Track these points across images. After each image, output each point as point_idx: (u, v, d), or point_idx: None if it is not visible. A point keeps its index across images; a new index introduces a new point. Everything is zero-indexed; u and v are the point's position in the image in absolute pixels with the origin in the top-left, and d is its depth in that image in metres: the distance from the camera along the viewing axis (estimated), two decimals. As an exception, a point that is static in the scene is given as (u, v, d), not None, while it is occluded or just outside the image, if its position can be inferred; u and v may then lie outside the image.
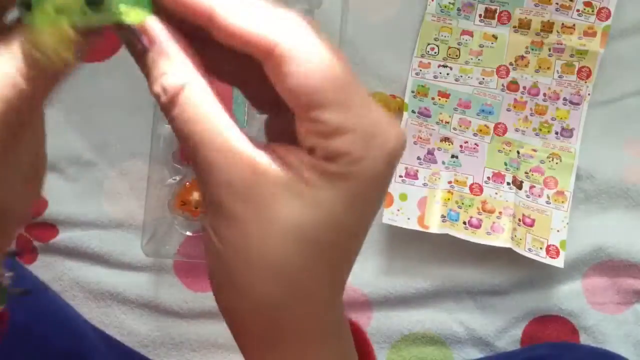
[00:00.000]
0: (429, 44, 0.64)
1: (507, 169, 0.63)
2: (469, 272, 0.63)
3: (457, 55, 0.63)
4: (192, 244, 0.61)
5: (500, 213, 0.62)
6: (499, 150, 0.64)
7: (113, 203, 0.63)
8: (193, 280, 0.63)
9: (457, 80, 0.64)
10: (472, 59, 0.64)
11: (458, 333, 0.64)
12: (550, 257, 0.61)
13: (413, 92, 0.64)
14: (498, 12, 0.63)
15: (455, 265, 0.63)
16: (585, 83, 0.63)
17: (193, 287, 0.63)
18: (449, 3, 0.63)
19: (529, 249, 0.61)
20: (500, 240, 0.61)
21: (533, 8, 0.63)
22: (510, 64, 0.64)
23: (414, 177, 0.63)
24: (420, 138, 0.63)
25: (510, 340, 0.64)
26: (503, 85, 0.64)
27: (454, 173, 0.63)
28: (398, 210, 0.62)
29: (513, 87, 0.64)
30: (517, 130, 0.64)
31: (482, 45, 0.63)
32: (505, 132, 0.64)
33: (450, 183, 0.63)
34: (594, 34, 0.62)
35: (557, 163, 0.63)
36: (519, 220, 0.62)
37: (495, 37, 0.63)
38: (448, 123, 0.64)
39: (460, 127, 0.64)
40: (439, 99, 0.64)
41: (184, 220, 0.60)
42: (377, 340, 0.64)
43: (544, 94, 0.63)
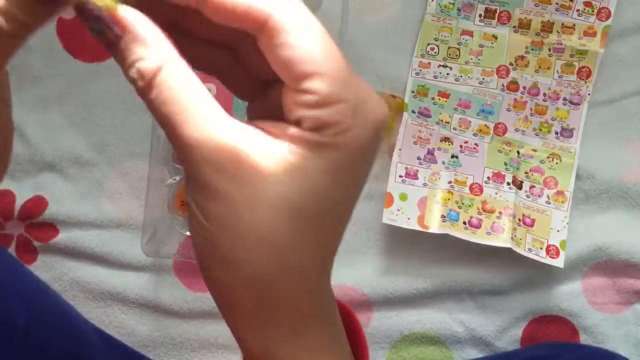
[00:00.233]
0: (429, 44, 0.64)
1: (507, 169, 0.63)
2: (469, 272, 0.63)
3: (457, 55, 0.63)
4: (192, 244, 0.61)
5: (500, 213, 0.62)
6: (499, 150, 0.64)
7: (113, 203, 0.63)
8: (193, 280, 0.63)
9: (457, 80, 0.64)
10: (472, 59, 0.64)
11: (458, 333, 0.64)
12: (550, 257, 0.61)
13: (413, 92, 0.64)
14: (498, 12, 0.63)
15: (455, 265, 0.63)
16: (585, 83, 0.63)
17: (193, 287, 0.63)
18: (449, 3, 0.63)
19: (529, 249, 0.61)
20: (500, 240, 0.61)
21: (533, 8, 0.63)
22: (510, 64, 0.63)
23: (414, 177, 0.63)
24: (420, 138, 0.63)
25: (510, 340, 0.64)
26: (503, 85, 0.64)
27: (454, 173, 0.63)
28: (398, 210, 0.62)
29: (513, 87, 0.64)
30: (517, 130, 0.64)
31: (482, 45, 0.63)
32: (505, 132, 0.64)
33: (450, 183, 0.63)
34: (594, 34, 0.62)
35: (557, 163, 0.63)
36: (519, 220, 0.62)
37: (495, 37, 0.63)
38: (448, 123, 0.64)
39: (460, 127, 0.64)
40: (439, 99, 0.64)
41: (184, 220, 0.60)
42: (377, 340, 0.64)
43: (544, 94, 0.63)
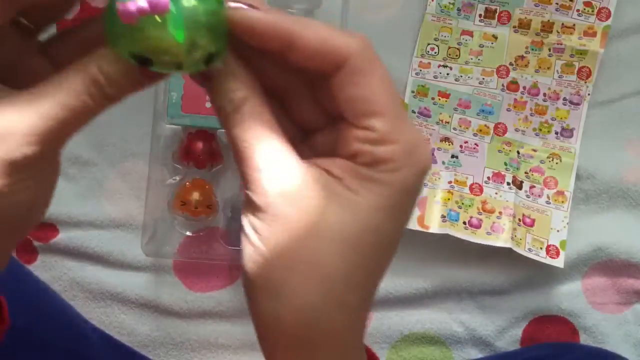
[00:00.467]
0: (429, 44, 0.64)
1: (507, 169, 0.63)
2: (469, 272, 0.63)
3: (457, 55, 0.63)
4: (192, 244, 0.61)
5: (500, 213, 0.62)
6: (499, 150, 0.64)
7: (113, 203, 0.63)
8: (193, 280, 0.63)
9: (457, 80, 0.64)
10: (472, 59, 0.64)
11: (458, 333, 0.64)
12: (550, 257, 0.61)
13: (413, 92, 0.64)
14: (498, 12, 0.63)
15: (455, 265, 0.63)
16: (585, 83, 0.63)
17: (193, 287, 0.63)
18: (449, 3, 0.63)
19: (529, 249, 0.61)
20: (500, 240, 0.61)
21: (533, 8, 0.63)
22: (510, 64, 0.63)
23: (414, 177, 0.63)
24: (420, 138, 0.63)
25: (510, 340, 0.64)
26: (503, 85, 0.64)
27: (454, 173, 0.63)
28: (398, 210, 0.62)
29: (513, 87, 0.64)
30: (517, 130, 0.64)
31: (482, 45, 0.63)
32: (505, 132, 0.64)
33: (450, 183, 0.63)
34: (594, 34, 0.62)
35: (557, 163, 0.63)
36: (519, 220, 0.62)
37: (495, 37, 0.63)
38: (448, 123, 0.64)
39: (460, 127, 0.64)
40: (439, 99, 0.64)
41: (184, 220, 0.60)
42: (377, 340, 0.64)
43: (544, 94, 0.63)
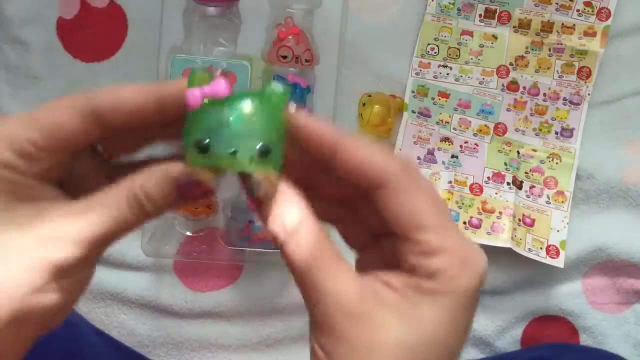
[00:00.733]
0: (429, 44, 0.64)
1: (507, 169, 0.63)
2: (469, 272, 0.63)
3: (457, 55, 0.63)
4: (192, 244, 0.61)
5: (500, 213, 0.62)
6: (499, 150, 0.64)
7: (113, 203, 0.63)
8: (193, 280, 0.63)
9: (457, 80, 0.64)
10: (472, 59, 0.64)
11: (458, 333, 0.64)
12: (551, 257, 0.61)
13: (413, 92, 0.64)
14: (498, 12, 0.63)
15: (456, 266, 0.63)
16: (585, 83, 0.63)
17: (193, 287, 0.63)
18: (449, 3, 0.63)
19: (529, 249, 0.61)
20: (500, 240, 0.61)
21: (533, 8, 0.63)
22: (510, 64, 0.63)
23: (414, 177, 0.63)
24: (420, 138, 0.63)
25: (511, 340, 0.64)
26: (503, 85, 0.64)
27: (454, 173, 0.63)
28: (398, 210, 0.62)
29: (513, 87, 0.64)
30: (517, 130, 0.64)
31: (482, 45, 0.63)
32: (505, 132, 0.64)
33: (451, 183, 0.63)
34: (594, 34, 0.62)
35: (557, 163, 0.63)
36: (519, 220, 0.62)
37: (495, 37, 0.63)
38: (448, 123, 0.64)
39: (460, 127, 0.64)
40: (439, 99, 0.64)
41: (184, 220, 0.60)
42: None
43: (544, 94, 0.63)
